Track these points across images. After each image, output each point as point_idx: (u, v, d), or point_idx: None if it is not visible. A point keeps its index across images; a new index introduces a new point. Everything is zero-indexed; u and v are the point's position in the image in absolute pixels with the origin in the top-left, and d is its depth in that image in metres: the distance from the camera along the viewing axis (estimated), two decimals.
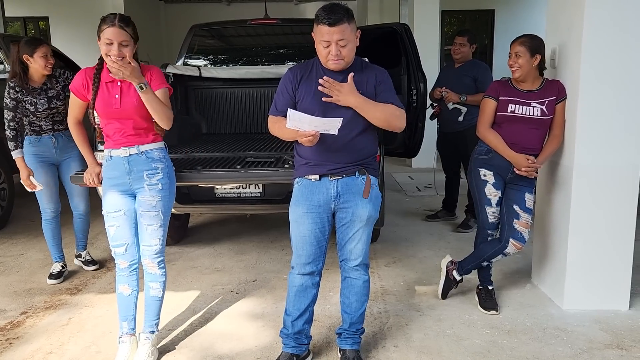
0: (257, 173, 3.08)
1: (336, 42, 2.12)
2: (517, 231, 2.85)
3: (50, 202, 3.53)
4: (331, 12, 2.10)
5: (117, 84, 2.39)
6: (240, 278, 3.58)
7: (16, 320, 2.98)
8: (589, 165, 2.85)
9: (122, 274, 2.51)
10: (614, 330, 2.75)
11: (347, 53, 2.16)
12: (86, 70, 2.45)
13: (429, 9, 7.41)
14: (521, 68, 2.77)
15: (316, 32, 2.17)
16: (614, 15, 2.72)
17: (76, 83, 2.43)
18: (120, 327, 2.55)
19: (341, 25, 2.10)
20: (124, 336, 2.53)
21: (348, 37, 2.13)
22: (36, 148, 3.44)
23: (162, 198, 2.48)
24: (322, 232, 2.31)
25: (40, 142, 3.45)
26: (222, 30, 5.41)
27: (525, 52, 2.75)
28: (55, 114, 3.46)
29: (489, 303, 2.99)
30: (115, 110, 2.38)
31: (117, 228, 2.46)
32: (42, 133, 3.45)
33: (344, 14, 2.11)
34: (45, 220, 3.56)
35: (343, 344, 2.47)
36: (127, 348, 2.50)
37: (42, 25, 11.67)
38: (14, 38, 6.01)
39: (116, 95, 2.38)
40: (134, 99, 2.38)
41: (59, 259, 3.63)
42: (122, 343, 2.52)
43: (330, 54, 2.14)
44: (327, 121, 2.10)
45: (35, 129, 3.44)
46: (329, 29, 2.10)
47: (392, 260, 3.86)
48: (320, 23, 2.12)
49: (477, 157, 2.97)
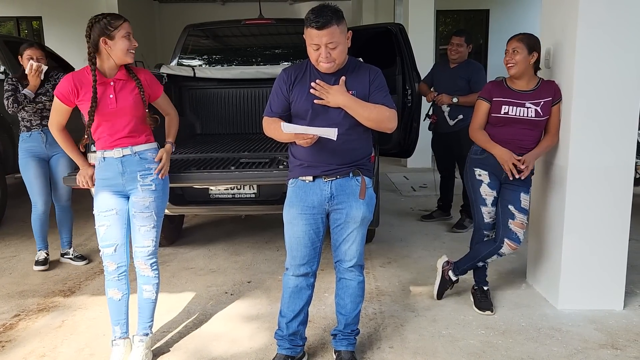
0: (252, 174, 3.07)
1: (325, 45, 2.10)
2: (512, 231, 2.85)
3: (41, 195, 3.70)
4: (319, 15, 2.07)
5: (110, 84, 2.36)
6: (235, 279, 3.56)
7: (9, 322, 2.96)
8: (583, 165, 2.85)
9: (110, 278, 2.47)
10: (608, 330, 2.76)
11: (337, 55, 2.14)
12: (73, 75, 2.37)
13: (423, 9, 7.41)
14: (517, 65, 2.77)
15: (306, 35, 2.15)
16: (608, 15, 2.72)
17: (62, 89, 2.35)
18: (113, 331, 2.53)
19: (330, 28, 2.07)
20: (117, 340, 2.51)
21: (337, 40, 2.11)
22: (28, 144, 3.65)
23: (156, 199, 2.47)
24: (316, 233, 2.30)
25: (30, 137, 3.65)
26: (217, 30, 5.39)
27: (523, 48, 2.75)
28: (43, 110, 3.64)
29: (484, 303, 2.99)
30: (111, 111, 2.36)
31: (107, 228, 2.42)
32: (32, 128, 3.65)
33: (332, 16, 2.08)
34: (36, 215, 3.75)
35: (338, 345, 2.46)
36: (121, 351, 2.49)
37: (35, 25, 11.60)
38: (7, 38, 5.99)
39: (110, 95, 2.36)
40: (130, 98, 2.38)
41: (43, 247, 3.84)
42: (116, 346, 2.50)
43: (320, 57, 2.13)
44: (322, 131, 2.09)
45: (26, 124, 3.65)
46: (318, 32, 2.08)
47: (387, 261, 3.85)
48: (309, 26, 2.10)
49: (473, 157, 2.97)
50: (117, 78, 2.37)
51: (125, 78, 2.40)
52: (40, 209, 3.72)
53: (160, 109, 2.65)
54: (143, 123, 2.47)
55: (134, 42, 2.36)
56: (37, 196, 3.69)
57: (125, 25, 2.33)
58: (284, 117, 2.28)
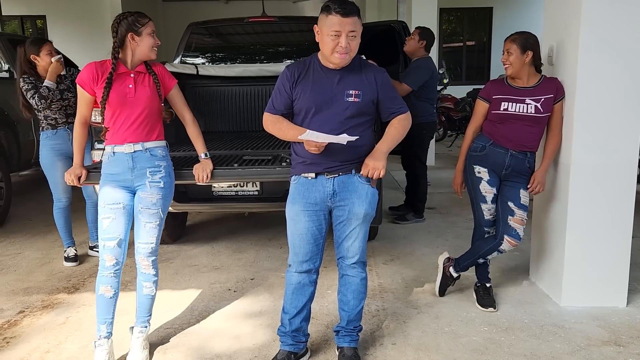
0: (255, 171, 3.07)
1: (347, 33, 2.11)
2: (511, 228, 2.84)
3: (65, 192, 3.78)
4: (344, 3, 2.11)
5: (130, 75, 2.43)
6: (238, 276, 3.57)
7: (13, 319, 2.98)
8: (586, 162, 2.85)
9: (104, 274, 2.42)
10: (611, 327, 2.75)
11: (354, 46, 2.16)
12: (96, 63, 2.44)
13: (427, 7, 7.41)
14: (512, 65, 2.78)
15: (325, 23, 2.14)
16: (611, 12, 2.72)
17: (84, 76, 2.42)
18: (98, 330, 2.45)
19: (353, 17, 2.11)
20: (102, 339, 2.44)
21: (358, 30, 2.15)
22: (53, 142, 3.67)
23: (163, 196, 2.50)
24: (319, 229, 2.31)
25: (56, 135, 3.67)
26: (220, 28, 5.40)
27: (516, 49, 2.75)
28: (68, 107, 3.68)
29: (486, 300, 3.00)
30: (129, 100, 2.41)
31: (112, 221, 2.42)
32: (58, 126, 3.67)
33: (355, 8, 2.13)
34: (59, 209, 3.80)
35: (341, 342, 2.47)
36: (105, 351, 2.42)
37: (39, 24, 11.65)
38: (12, 37, 6.01)
39: (130, 85, 2.42)
40: (148, 89, 2.46)
41: (71, 244, 3.88)
42: (100, 347, 2.43)
43: (339, 45, 2.12)
44: (339, 138, 2.12)
45: (51, 122, 3.67)
46: (342, 19, 2.09)
47: (390, 258, 3.86)
48: (332, 13, 2.10)
49: (472, 154, 2.97)
50: (137, 71, 2.46)
51: (144, 71, 2.48)
52: (65, 203, 3.79)
53: (175, 107, 2.67)
54: (157, 118, 2.53)
55: (157, 40, 2.48)
56: (62, 193, 3.76)
57: (151, 23, 2.46)
58: (286, 114, 2.29)
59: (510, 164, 2.85)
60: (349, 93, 2.21)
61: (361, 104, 2.23)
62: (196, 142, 2.72)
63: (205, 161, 2.75)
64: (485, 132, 2.94)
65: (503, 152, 2.85)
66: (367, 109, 2.26)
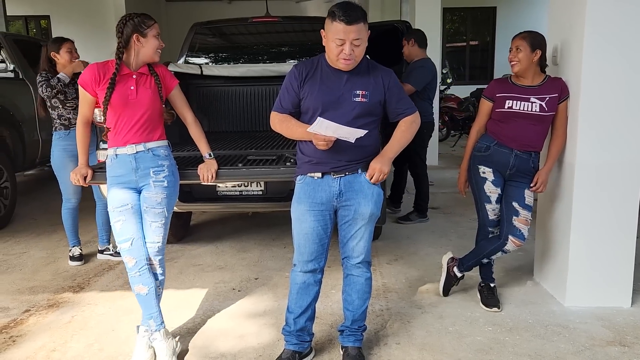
0: (259, 171, 3.08)
1: (351, 41, 2.10)
2: (516, 228, 2.84)
3: (76, 193, 3.80)
4: (349, 10, 2.08)
5: (133, 77, 2.44)
6: (242, 276, 3.58)
7: (19, 318, 2.99)
8: (590, 162, 2.85)
9: (131, 275, 2.47)
10: (616, 327, 2.75)
11: (359, 53, 2.15)
12: (97, 64, 2.45)
13: (430, 7, 7.41)
14: (520, 62, 2.77)
15: (330, 29, 2.13)
16: (616, 12, 2.71)
17: (86, 77, 2.43)
18: (148, 326, 2.48)
19: (358, 24, 2.08)
20: (155, 333, 2.47)
21: (363, 37, 2.12)
22: (66, 142, 3.66)
23: (167, 195, 2.51)
24: (324, 229, 2.31)
25: (69, 135, 3.65)
26: (224, 28, 5.41)
27: (525, 46, 2.75)
28: None
29: (491, 300, 3.00)
30: (131, 101, 2.42)
31: (123, 222, 2.45)
32: (71, 127, 3.66)
33: (361, 14, 2.10)
34: (68, 209, 3.82)
35: (345, 341, 2.48)
36: (163, 343, 2.46)
37: (43, 24, 11.68)
38: (16, 37, 6.04)
39: (132, 86, 2.43)
40: (149, 91, 2.46)
41: (76, 243, 3.91)
42: (155, 340, 2.46)
43: (342, 53, 2.12)
44: (352, 131, 2.10)
45: (64, 122, 3.67)
46: (346, 27, 2.07)
47: (394, 258, 3.86)
48: (337, 20, 2.09)
49: (476, 154, 2.96)
50: (139, 72, 2.47)
51: (147, 73, 2.49)
52: (74, 204, 3.81)
53: (176, 108, 2.68)
54: (159, 119, 2.53)
55: (161, 43, 2.49)
56: (71, 194, 3.78)
57: (156, 25, 2.48)
58: (294, 113, 2.30)
59: (514, 164, 2.85)
60: (357, 93, 2.21)
61: (368, 104, 2.23)
62: (199, 142, 2.73)
63: (209, 161, 2.76)
64: (489, 131, 2.94)
65: (507, 152, 2.85)
66: (374, 110, 2.26)
